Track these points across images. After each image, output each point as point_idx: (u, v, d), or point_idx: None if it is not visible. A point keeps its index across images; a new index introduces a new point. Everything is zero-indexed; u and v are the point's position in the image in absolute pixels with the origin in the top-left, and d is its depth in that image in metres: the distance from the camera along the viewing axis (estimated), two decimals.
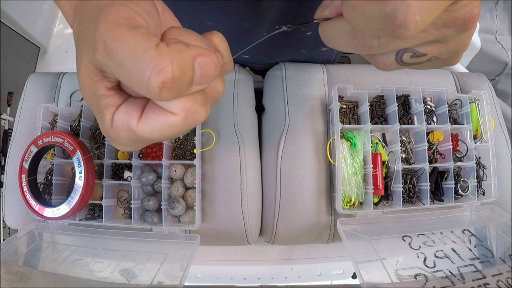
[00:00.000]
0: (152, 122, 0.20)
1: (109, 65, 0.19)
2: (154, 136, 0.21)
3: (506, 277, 0.39)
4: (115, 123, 0.21)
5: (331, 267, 0.77)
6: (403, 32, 0.18)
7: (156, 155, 0.52)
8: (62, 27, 1.46)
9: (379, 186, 0.50)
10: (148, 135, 0.21)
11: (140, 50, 0.17)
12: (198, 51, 0.19)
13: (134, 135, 0.21)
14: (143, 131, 0.21)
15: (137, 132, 0.21)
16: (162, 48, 0.18)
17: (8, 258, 0.45)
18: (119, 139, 0.22)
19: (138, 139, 0.21)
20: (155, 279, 0.42)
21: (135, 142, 0.22)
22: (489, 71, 0.89)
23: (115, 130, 0.21)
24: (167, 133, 0.21)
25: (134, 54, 0.17)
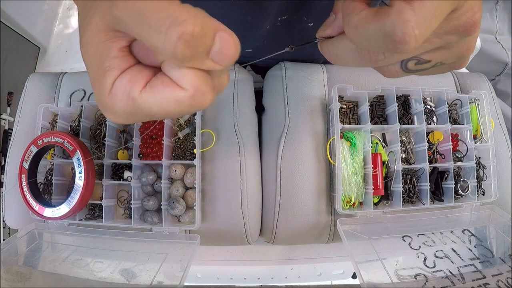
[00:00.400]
0: (157, 93, 0.19)
1: (126, 18, 0.18)
2: (154, 109, 0.20)
3: (506, 277, 0.39)
4: (115, 88, 0.20)
5: (331, 267, 0.77)
6: (404, 47, 0.19)
7: (156, 155, 0.52)
8: (62, 27, 1.46)
9: (379, 186, 0.50)
10: (148, 106, 0.20)
11: (164, 3, 0.17)
12: (223, 26, 0.18)
13: (132, 106, 0.20)
14: (144, 102, 0.19)
15: (138, 102, 0.20)
16: (188, 6, 0.17)
17: (8, 258, 0.45)
18: (113, 108, 0.20)
19: (135, 111, 0.20)
20: (155, 279, 0.42)
21: (130, 115, 0.21)
22: (489, 71, 0.89)
23: (113, 97, 0.20)
24: (169, 108, 0.20)
25: (157, 5, 0.17)
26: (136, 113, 0.20)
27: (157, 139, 0.52)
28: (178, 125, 0.55)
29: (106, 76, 0.20)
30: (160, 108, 0.20)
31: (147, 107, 0.20)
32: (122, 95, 0.20)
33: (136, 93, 0.19)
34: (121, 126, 0.55)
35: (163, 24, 0.17)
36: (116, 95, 0.20)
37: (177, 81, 0.19)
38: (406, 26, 0.18)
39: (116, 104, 0.20)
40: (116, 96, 0.20)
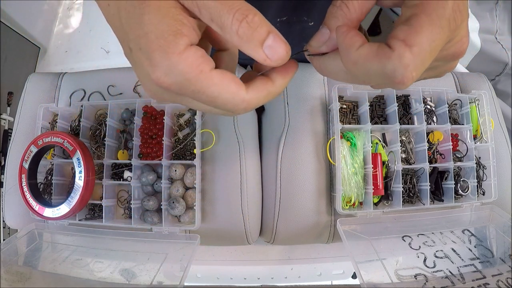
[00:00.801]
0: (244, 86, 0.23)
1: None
2: (208, 94, 0.22)
3: (506, 277, 0.39)
4: (188, 53, 0.21)
5: (331, 267, 0.77)
6: (402, 87, 0.22)
7: (156, 155, 0.52)
8: (62, 27, 1.46)
9: (379, 186, 0.50)
10: (216, 91, 0.22)
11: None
12: (276, 30, 0.22)
13: (195, 76, 0.21)
14: (217, 84, 0.22)
15: (202, 78, 0.21)
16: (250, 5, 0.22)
17: (8, 258, 0.45)
18: (174, 69, 0.21)
19: (192, 83, 0.21)
20: (155, 279, 0.42)
21: (183, 84, 0.22)
22: (489, 71, 0.89)
23: (182, 59, 0.21)
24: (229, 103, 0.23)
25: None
26: (188, 87, 0.22)
27: (157, 139, 0.52)
28: (178, 125, 0.55)
29: (179, 38, 0.21)
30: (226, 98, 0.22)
31: (216, 92, 0.22)
32: (193, 63, 0.21)
33: (207, 69, 0.22)
34: (121, 126, 0.55)
35: (233, 8, 0.20)
36: (187, 59, 0.21)
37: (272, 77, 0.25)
38: (406, 71, 0.20)
39: (181, 66, 0.21)
40: (187, 60, 0.21)
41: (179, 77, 0.21)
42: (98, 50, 1.38)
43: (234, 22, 0.21)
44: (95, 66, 0.69)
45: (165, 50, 0.21)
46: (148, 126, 0.53)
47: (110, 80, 0.57)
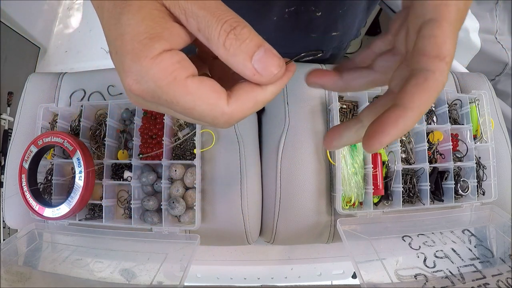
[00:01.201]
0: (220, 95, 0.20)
1: (192, 7, 0.19)
2: (182, 104, 0.20)
3: (506, 277, 0.39)
4: (162, 59, 0.19)
5: (331, 267, 0.77)
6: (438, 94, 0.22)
7: (156, 155, 0.52)
8: (62, 27, 1.46)
9: (379, 186, 0.50)
10: (191, 102, 0.20)
11: (222, 4, 0.20)
12: (268, 45, 0.21)
13: (168, 84, 0.19)
14: (192, 93, 0.19)
15: (175, 86, 0.19)
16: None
17: (8, 258, 0.45)
18: (145, 74, 0.19)
19: (165, 92, 0.19)
20: (155, 279, 0.42)
21: (155, 91, 0.20)
22: (489, 71, 0.89)
23: (154, 64, 0.19)
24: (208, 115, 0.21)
25: (220, 5, 0.20)
26: (160, 95, 0.20)
27: (157, 139, 0.52)
28: (178, 125, 0.55)
29: (155, 41, 0.19)
30: (201, 108, 0.20)
31: (190, 102, 0.20)
32: (166, 69, 0.19)
33: (182, 76, 0.19)
34: (121, 126, 0.55)
35: (222, 19, 0.19)
36: (159, 64, 0.19)
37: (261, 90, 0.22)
38: (444, 80, 0.21)
39: (152, 72, 0.19)
40: (159, 66, 0.19)
41: (150, 84, 0.19)
42: (98, 50, 1.38)
43: (222, 34, 0.19)
44: (95, 66, 0.69)
45: (137, 54, 0.19)
46: (148, 126, 0.53)
47: (110, 80, 0.57)
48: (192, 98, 0.20)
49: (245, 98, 0.21)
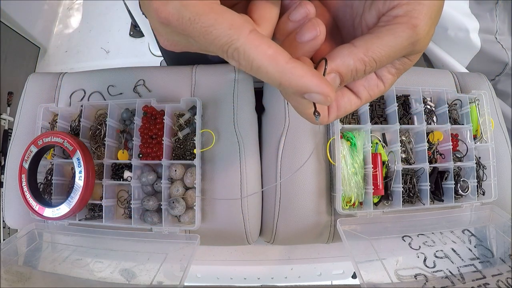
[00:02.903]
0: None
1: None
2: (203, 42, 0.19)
3: (506, 277, 0.39)
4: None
5: (331, 267, 0.77)
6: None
7: (156, 155, 0.52)
8: (62, 27, 1.46)
9: (379, 186, 0.50)
10: (212, 19, 0.18)
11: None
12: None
13: (190, 9, 0.18)
14: (216, 12, 0.18)
15: (206, 8, 0.18)
16: None
17: (8, 258, 0.45)
18: (165, 8, 0.18)
19: (186, 17, 0.18)
20: (155, 279, 0.42)
21: (179, 21, 0.19)
22: (489, 71, 0.88)
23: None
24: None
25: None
26: (185, 13, 0.19)
27: (157, 139, 0.52)
28: (178, 125, 0.55)
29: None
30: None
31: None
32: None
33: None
34: (121, 126, 0.55)
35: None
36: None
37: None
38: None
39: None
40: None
41: (176, 4, 0.18)
42: (98, 50, 1.38)
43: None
44: (95, 66, 0.69)
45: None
46: (148, 126, 0.53)
47: (110, 80, 0.57)
48: (215, 15, 0.18)
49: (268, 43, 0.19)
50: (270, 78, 0.19)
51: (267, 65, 0.18)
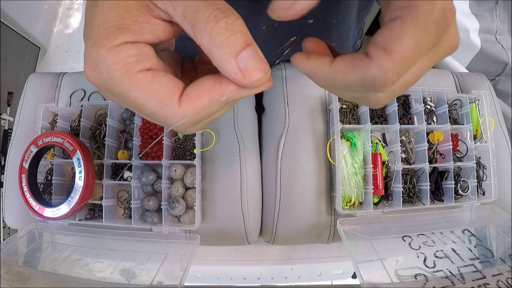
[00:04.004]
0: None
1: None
2: (132, 96, 0.19)
3: (506, 277, 0.39)
4: (121, 50, 0.18)
5: (331, 267, 0.77)
6: (383, 89, 0.20)
7: (156, 155, 0.52)
8: (62, 27, 1.46)
9: (379, 186, 0.50)
10: (141, 98, 0.18)
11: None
12: (256, 45, 0.19)
13: (120, 76, 0.18)
14: (142, 89, 0.18)
15: (125, 80, 0.18)
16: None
17: (8, 258, 0.45)
18: (101, 63, 0.18)
19: (116, 85, 0.19)
20: (155, 279, 0.42)
21: (108, 83, 0.19)
22: (489, 71, 0.89)
23: (112, 55, 0.18)
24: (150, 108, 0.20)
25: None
26: (113, 87, 0.19)
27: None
28: None
29: (120, 32, 0.18)
30: (140, 100, 0.19)
31: (126, 92, 0.19)
32: (120, 61, 0.18)
33: (134, 70, 0.18)
34: (121, 126, 0.55)
35: (214, 5, 0.18)
36: (115, 55, 0.18)
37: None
38: (386, 76, 0.19)
39: (107, 62, 0.18)
40: (114, 57, 0.18)
41: (103, 74, 0.19)
42: None
43: (210, 19, 0.18)
44: None
45: (98, 41, 0.18)
46: (148, 126, 0.53)
47: None
48: (141, 94, 0.18)
49: (199, 97, 0.19)
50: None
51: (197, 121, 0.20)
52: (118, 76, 0.18)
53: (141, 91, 0.18)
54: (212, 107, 0.20)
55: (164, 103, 0.19)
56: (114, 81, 0.18)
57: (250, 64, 0.18)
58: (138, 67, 0.18)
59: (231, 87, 0.19)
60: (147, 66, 0.19)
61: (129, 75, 0.18)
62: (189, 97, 0.19)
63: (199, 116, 0.20)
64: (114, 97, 0.20)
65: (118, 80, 0.18)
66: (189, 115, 0.19)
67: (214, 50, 0.18)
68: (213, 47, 0.18)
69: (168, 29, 0.20)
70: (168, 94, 0.19)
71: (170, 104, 0.19)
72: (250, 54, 0.18)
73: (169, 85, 0.19)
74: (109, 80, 0.19)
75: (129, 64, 0.18)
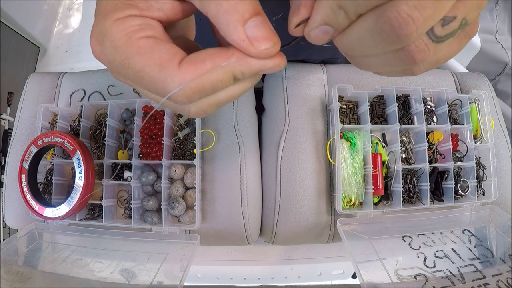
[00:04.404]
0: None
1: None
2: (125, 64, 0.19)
3: (506, 277, 0.39)
4: (123, 22, 0.18)
5: (331, 267, 0.77)
6: (406, 33, 0.16)
7: (156, 155, 0.52)
8: (62, 27, 1.46)
9: (379, 186, 0.50)
10: (141, 62, 0.18)
11: None
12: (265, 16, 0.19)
13: (122, 45, 0.18)
14: (143, 53, 0.18)
15: (127, 46, 0.18)
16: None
17: (8, 258, 0.45)
18: (107, 35, 0.19)
19: (117, 61, 0.19)
20: (155, 279, 0.42)
21: (111, 63, 0.19)
22: (489, 71, 0.89)
23: (116, 26, 0.18)
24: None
25: None
26: (115, 56, 0.19)
27: (157, 139, 0.52)
28: (178, 125, 0.55)
29: (128, 7, 0.19)
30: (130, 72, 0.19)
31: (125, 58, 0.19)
32: (123, 30, 0.18)
33: (136, 36, 0.18)
34: (121, 126, 0.55)
35: None
36: (119, 25, 0.18)
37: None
38: (401, 13, 0.16)
39: (111, 31, 0.18)
40: (118, 27, 0.18)
41: (107, 44, 0.19)
42: None
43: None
44: (95, 66, 0.69)
45: (105, 14, 0.19)
46: (148, 126, 0.53)
47: (110, 80, 0.57)
48: (141, 58, 0.18)
49: (202, 60, 0.18)
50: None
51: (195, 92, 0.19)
52: (120, 45, 0.18)
53: (141, 55, 0.18)
54: (216, 74, 0.18)
55: (163, 66, 0.18)
56: (116, 49, 0.18)
57: (258, 33, 0.17)
58: (140, 34, 0.18)
59: (238, 53, 0.18)
60: (149, 34, 0.19)
61: (131, 41, 0.18)
62: (191, 60, 0.18)
63: (202, 85, 0.18)
64: (115, 69, 0.20)
65: (120, 48, 0.18)
66: (190, 78, 0.18)
67: (221, 16, 0.17)
68: (220, 13, 0.17)
69: (178, 7, 0.20)
70: (168, 57, 0.18)
71: (169, 66, 0.18)
72: (258, 23, 0.17)
73: (170, 50, 0.18)
74: (111, 50, 0.18)
75: (131, 32, 0.18)
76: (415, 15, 0.16)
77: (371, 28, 0.17)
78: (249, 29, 0.17)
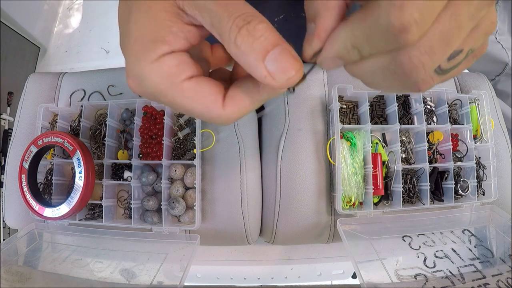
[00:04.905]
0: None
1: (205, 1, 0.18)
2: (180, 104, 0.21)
3: (506, 277, 0.39)
4: (163, 63, 0.19)
5: (331, 267, 0.77)
6: (406, 37, 0.16)
7: (156, 155, 0.52)
8: (62, 27, 1.46)
9: (379, 186, 0.50)
10: (188, 104, 0.20)
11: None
12: (286, 43, 0.20)
13: (166, 87, 0.20)
14: (188, 97, 0.20)
15: (173, 89, 0.20)
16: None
17: (8, 258, 0.45)
18: (145, 78, 0.20)
19: (165, 93, 0.20)
20: (155, 279, 0.42)
21: (156, 94, 0.20)
22: (489, 71, 0.89)
23: (154, 69, 0.19)
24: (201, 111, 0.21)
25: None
26: (160, 98, 0.20)
27: (157, 139, 0.52)
28: (178, 125, 0.55)
29: (157, 45, 0.19)
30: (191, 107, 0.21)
31: (176, 102, 0.20)
32: (163, 75, 0.19)
33: (178, 80, 0.20)
34: (121, 126, 0.55)
35: (235, 12, 0.18)
36: (158, 70, 0.19)
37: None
38: (402, 13, 0.15)
39: (150, 78, 0.20)
40: (157, 72, 0.19)
41: (149, 89, 0.20)
42: (98, 50, 1.39)
43: (233, 29, 0.18)
44: (95, 66, 0.69)
45: (138, 57, 0.19)
46: (148, 126, 0.53)
47: (110, 80, 0.57)
48: (189, 101, 0.20)
49: (241, 101, 0.21)
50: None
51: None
52: (165, 89, 0.20)
53: (188, 99, 0.20)
54: (254, 105, 0.21)
55: (210, 107, 0.20)
56: (161, 93, 0.20)
57: (279, 66, 0.18)
58: (181, 77, 0.20)
59: (267, 88, 0.21)
60: (188, 74, 0.20)
61: (175, 86, 0.20)
62: (232, 100, 0.21)
63: (241, 116, 0.22)
64: (162, 103, 0.22)
65: (165, 91, 0.20)
66: (234, 116, 0.21)
67: (241, 58, 0.18)
68: (240, 55, 0.18)
69: (199, 32, 0.21)
70: (211, 99, 0.20)
71: (215, 108, 0.20)
72: (277, 55, 0.18)
73: (211, 91, 0.20)
74: (156, 93, 0.20)
75: (172, 76, 0.20)
76: (425, 60, 0.17)
77: (383, 67, 0.18)
78: (269, 63, 0.18)
